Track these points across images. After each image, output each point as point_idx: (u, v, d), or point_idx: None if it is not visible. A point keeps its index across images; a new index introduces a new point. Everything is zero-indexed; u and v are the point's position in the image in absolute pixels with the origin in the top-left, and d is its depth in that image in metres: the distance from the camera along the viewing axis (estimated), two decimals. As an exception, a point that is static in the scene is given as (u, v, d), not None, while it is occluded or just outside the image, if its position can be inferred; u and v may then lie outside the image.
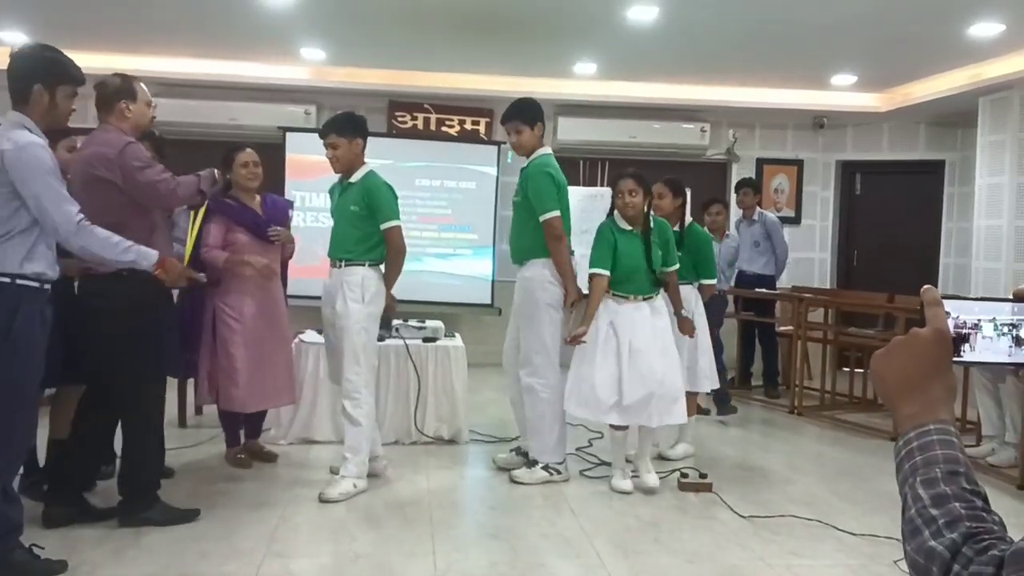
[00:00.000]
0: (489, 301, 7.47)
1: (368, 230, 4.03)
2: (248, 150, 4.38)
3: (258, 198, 4.42)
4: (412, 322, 5.46)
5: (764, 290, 6.82)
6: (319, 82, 7.31)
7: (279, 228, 4.37)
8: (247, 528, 3.52)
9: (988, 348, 1.01)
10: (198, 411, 5.23)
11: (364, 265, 4.04)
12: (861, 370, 6.62)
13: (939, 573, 0.80)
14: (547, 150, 4.44)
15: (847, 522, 3.78)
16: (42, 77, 2.87)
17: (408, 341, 5.05)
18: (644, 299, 4.20)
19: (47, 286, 2.90)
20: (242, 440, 4.55)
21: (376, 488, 4.12)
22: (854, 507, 4.06)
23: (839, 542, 3.59)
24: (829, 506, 4.07)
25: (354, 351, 3.99)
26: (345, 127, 4.07)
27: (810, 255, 8.41)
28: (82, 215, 2.88)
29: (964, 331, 0.99)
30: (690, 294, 4.72)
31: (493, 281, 7.46)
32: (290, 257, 4.57)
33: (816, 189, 8.46)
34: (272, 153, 6.38)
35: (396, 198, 4.13)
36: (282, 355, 4.43)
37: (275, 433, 4.91)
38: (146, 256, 3.08)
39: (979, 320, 1.01)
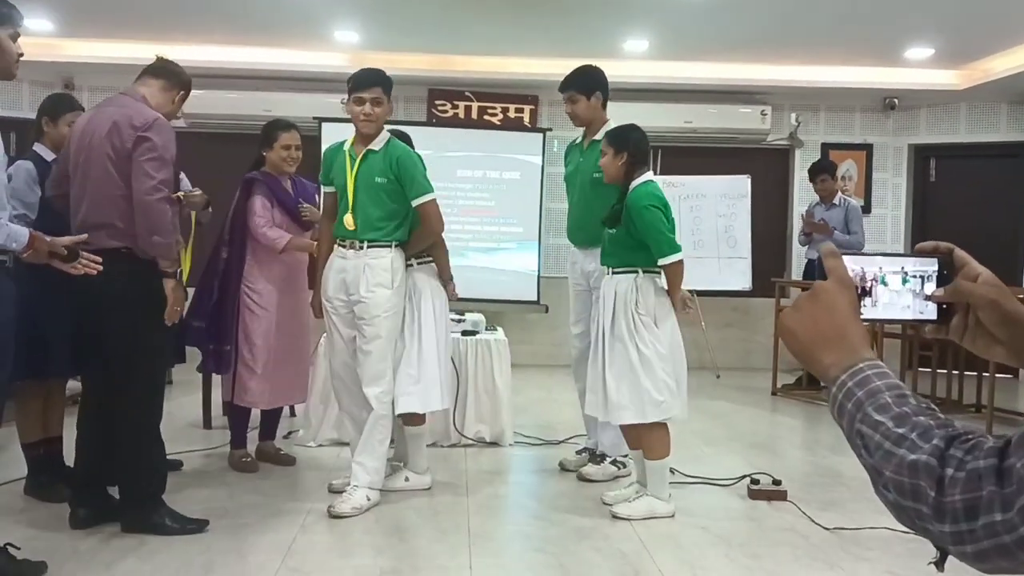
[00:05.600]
0: (535, 298, 7.07)
1: (395, 206, 3.57)
2: (293, 132, 4.09)
3: (289, 180, 4.15)
4: (451, 315, 5.08)
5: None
6: (355, 69, 6.96)
7: (308, 206, 4.11)
8: (262, 538, 3.14)
9: (891, 303, 0.98)
10: (225, 411, 4.90)
11: (391, 247, 3.58)
12: (944, 370, 6.03)
13: (931, 483, 0.74)
14: (611, 123, 4.05)
15: (949, 536, 3.26)
16: None
17: (446, 335, 4.66)
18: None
19: (2, 257, 2.61)
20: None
21: (408, 495, 3.71)
22: (954, 519, 3.53)
23: (943, 560, 3.08)
24: (925, 518, 3.55)
25: (383, 341, 3.54)
26: (388, 83, 3.63)
27: (881, 247, 7.77)
28: None
29: (866, 284, 0.97)
30: (627, 283, 3.47)
31: (539, 276, 7.06)
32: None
33: (887, 176, 7.86)
34: (307, 144, 6.05)
35: (425, 167, 3.69)
36: (303, 348, 4.13)
37: (304, 435, 4.57)
38: (17, 237, 2.58)
39: (884, 272, 0.98)
